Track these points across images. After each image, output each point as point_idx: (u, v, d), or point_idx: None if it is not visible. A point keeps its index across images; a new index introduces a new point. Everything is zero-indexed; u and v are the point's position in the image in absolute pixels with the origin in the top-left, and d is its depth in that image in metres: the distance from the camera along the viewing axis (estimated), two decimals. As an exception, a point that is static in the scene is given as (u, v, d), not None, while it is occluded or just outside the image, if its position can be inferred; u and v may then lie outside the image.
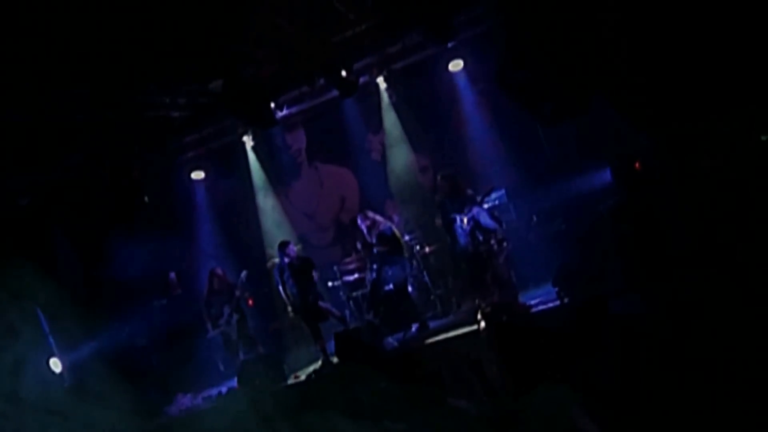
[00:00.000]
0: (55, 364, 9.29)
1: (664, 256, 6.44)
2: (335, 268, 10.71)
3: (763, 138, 6.39)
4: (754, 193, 6.07)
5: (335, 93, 10.50)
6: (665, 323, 5.01)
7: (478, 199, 8.69)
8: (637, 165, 7.69)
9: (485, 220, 8.50)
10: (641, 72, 6.47)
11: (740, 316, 4.95)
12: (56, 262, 9.82)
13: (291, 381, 8.62)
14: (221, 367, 10.26)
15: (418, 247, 10.13)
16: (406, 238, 10.01)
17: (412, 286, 9.54)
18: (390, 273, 9.26)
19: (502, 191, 10.12)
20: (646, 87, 6.48)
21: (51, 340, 9.65)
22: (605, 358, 5.11)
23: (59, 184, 9.71)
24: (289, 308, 9.46)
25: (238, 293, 9.87)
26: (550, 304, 7.55)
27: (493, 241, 8.48)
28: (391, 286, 9.28)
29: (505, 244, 8.63)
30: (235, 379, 8.78)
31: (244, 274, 9.95)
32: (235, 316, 9.82)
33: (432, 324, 9.08)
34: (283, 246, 9.52)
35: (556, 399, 4.57)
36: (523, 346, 5.84)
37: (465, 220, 8.53)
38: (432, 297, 9.90)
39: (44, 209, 9.57)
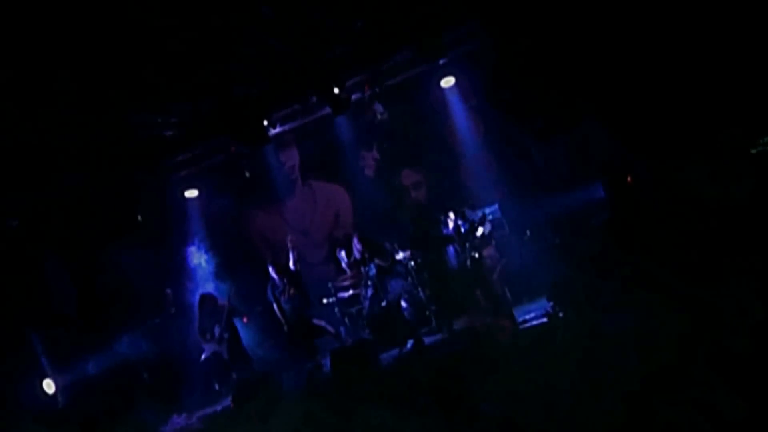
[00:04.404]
0: (48, 386, 9.24)
1: (656, 269, 6.45)
2: (330, 284, 10.66)
3: (753, 151, 6.44)
4: (747, 205, 6.10)
5: (328, 110, 10.53)
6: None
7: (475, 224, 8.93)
8: (629, 179, 7.72)
9: None
10: (628, 90, 6.53)
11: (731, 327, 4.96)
12: (48, 283, 9.77)
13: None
14: (216, 387, 10.18)
15: (412, 263, 10.10)
16: (401, 254, 9.99)
17: (407, 301, 9.51)
18: (390, 288, 9.28)
19: (495, 206, 10.14)
20: (634, 105, 6.53)
21: (44, 361, 9.59)
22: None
23: (50, 204, 9.67)
24: (284, 325, 9.43)
25: (225, 310, 9.89)
26: (544, 319, 7.56)
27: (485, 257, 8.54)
28: (386, 302, 9.27)
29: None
30: (230, 398, 8.72)
31: (229, 293, 10.03)
32: (226, 334, 9.79)
33: (427, 340, 9.05)
34: (276, 264, 9.52)
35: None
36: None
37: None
38: (427, 313, 9.86)
39: (35, 230, 9.52)
